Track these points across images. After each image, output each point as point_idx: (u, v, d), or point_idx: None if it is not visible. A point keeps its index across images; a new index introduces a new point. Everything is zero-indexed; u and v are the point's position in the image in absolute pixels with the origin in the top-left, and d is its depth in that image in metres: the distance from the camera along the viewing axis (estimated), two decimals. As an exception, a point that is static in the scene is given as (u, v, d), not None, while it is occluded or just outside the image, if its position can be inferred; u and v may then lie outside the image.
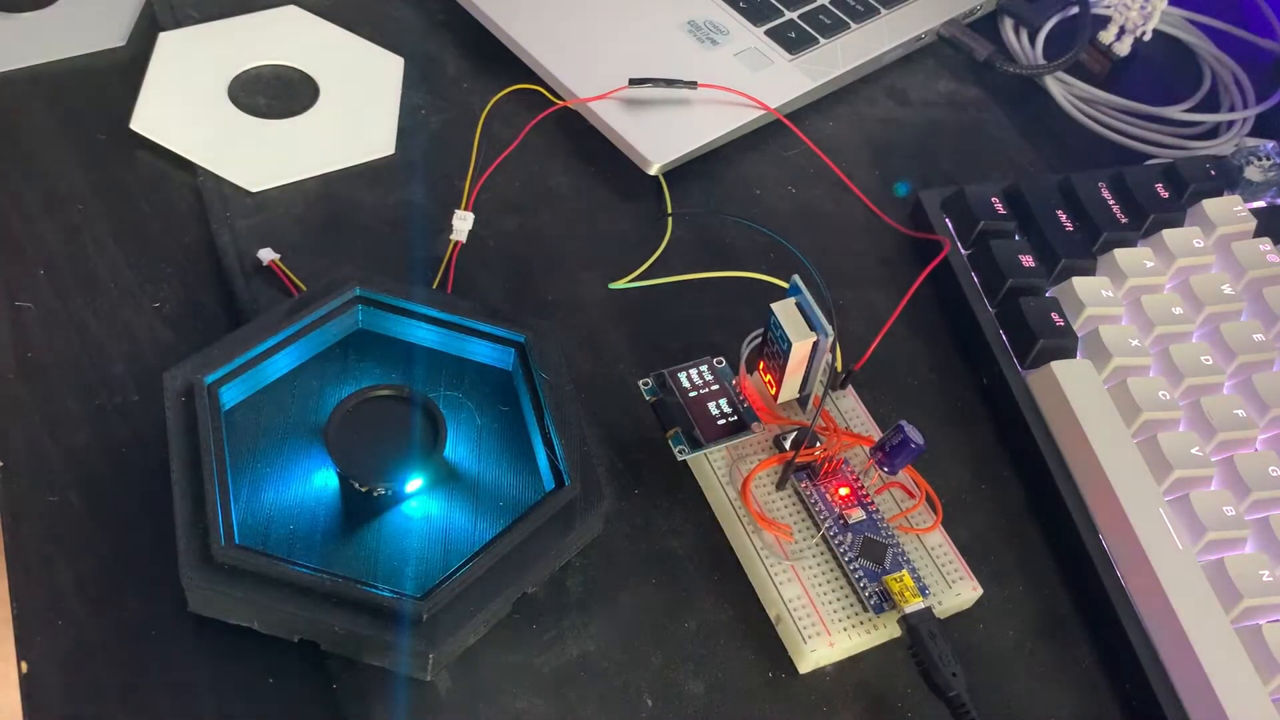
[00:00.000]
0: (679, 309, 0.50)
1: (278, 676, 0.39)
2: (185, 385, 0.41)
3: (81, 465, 0.42)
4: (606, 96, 0.55)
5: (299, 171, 0.52)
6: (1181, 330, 0.48)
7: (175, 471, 0.39)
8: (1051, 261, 0.51)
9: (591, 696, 0.39)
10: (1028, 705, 0.41)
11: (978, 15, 0.66)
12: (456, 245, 0.50)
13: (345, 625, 0.37)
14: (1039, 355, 0.48)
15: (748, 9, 0.62)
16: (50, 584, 0.40)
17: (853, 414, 0.46)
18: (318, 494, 0.41)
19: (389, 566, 0.40)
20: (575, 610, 0.41)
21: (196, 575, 0.37)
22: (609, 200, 0.54)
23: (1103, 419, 0.45)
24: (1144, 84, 0.65)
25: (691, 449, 0.43)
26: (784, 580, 0.41)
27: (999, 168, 0.59)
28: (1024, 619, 0.44)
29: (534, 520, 0.40)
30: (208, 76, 0.55)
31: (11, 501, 0.41)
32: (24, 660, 0.38)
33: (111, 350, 0.46)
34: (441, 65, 0.58)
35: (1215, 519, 0.43)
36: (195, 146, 0.52)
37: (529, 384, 0.44)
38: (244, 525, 0.39)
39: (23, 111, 0.53)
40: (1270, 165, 0.56)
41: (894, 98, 0.61)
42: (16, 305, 0.46)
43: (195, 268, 0.49)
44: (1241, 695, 0.39)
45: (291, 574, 0.37)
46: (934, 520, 0.43)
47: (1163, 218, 0.52)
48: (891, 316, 0.49)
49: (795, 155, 0.57)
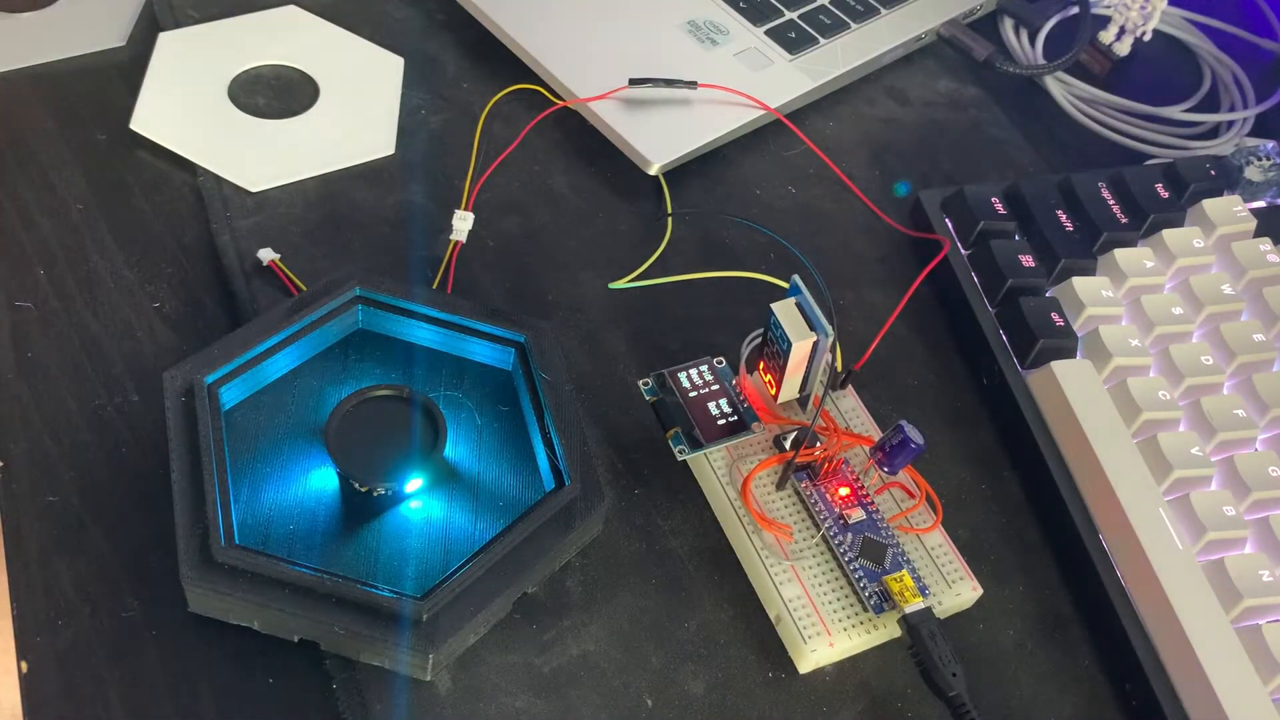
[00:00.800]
0: (679, 309, 0.50)
1: (278, 676, 0.39)
2: (185, 385, 0.41)
3: (81, 465, 0.42)
4: (606, 96, 0.55)
5: (299, 171, 0.52)
6: (1181, 330, 0.48)
7: (175, 471, 0.39)
8: (1051, 261, 0.51)
9: (591, 696, 0.39)
10: (1028, 705, 0.42)
11: (978, 15, 0.66)
12: (456, 245, 0.50)
13: (345, 625, 0.37)
14: (1039, 355, 0.48)
15: (748, 9, 0.62)
16: (50, 584, 0.40)
17: (853, 414, 0.46)
18: (318, 494, 0.41)
19: (389, 566, 0.40)
20: (575, 610, 0.41)
21: (196, 575, 0.37)
22: (609, 200, 0.54)
23: (1103, 419, 0.45)
24: (1144, 84, 0.65)
25: (691, 449, 0.43)
26: (784, 580, 0.41)
27: (999, 168, 0.59)
28: (1024, 619, 0.44)
29: (534, 520, 0.40)
30: (208, 76, 0.55)
31: (11, 501, 0.41)
32: (24, 660, 0.38)
33: (111, 350, 0.46)
34: (441, 65, 0.58)
35: (1215, 519, 0.43)
36: (195, 146, 0.52)
37: (529, 384, 0.44)
38: (244, 525, 0.40)
39: (23, 111, 0.53)
40: (1270, 165, 0.56)
41: (894, 98, 0.61)
42: (16, 305, 0.46)
43: (195, 268, 0.49)
44: (1241, 695, 0.39)
45: (292, 574, 0.37)
46: (934, 520, 0.43)
47: (1163, 218, 0.52)
48: (891, 316, 0.49)
49: (795, 155, 0.57)
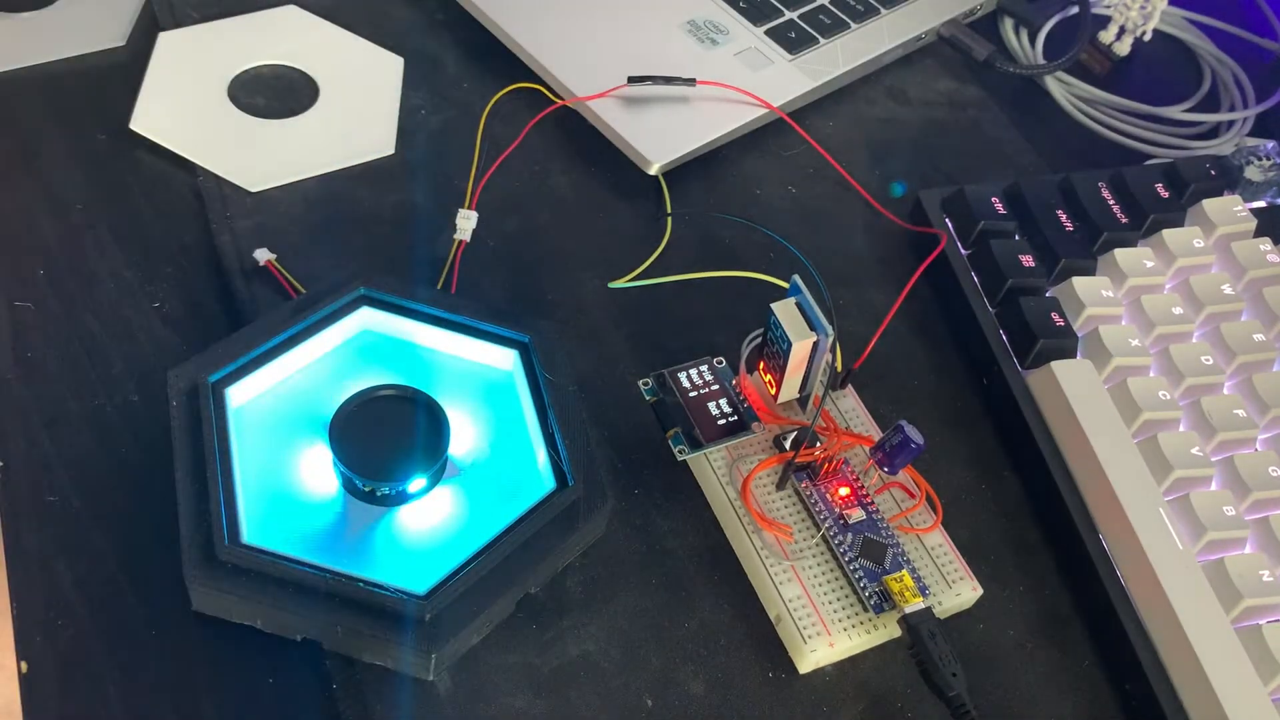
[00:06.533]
0: (679, 309, 0.50)
1: (278, 676, 0.39)
2: (189, 384, 0.41)
3: (81, 465, 0.42)
4: (606, 95, 0.55)
5: (299, 171, 0.52)
6: (1181, 330, 0.49)
7: (179, 471, 0.39)
8: (1051, 261, 0.51)
9: (591, 696, 0.39)
10: (1028, 705, 0.42)
11: (978, 15, 0.66)
12: (461, 244, 0.50)
13: (349, 625, 0.37)
14: (1039, 355, 0.48)
15: (748, 9, 0.62)
16: (50, 584, 0.40)
17: (853, 414, 0.46)
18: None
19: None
20: (575, 610, 0.41)
21: (200, 574, 0.37)
22: (609, 200, 0.54)
23: (1103, 419, 0.45)
24: (1144, 84, 0.65)
25: (691, 449, 0.43)
26: (784, 580, 0.41)
27: (999, 168, 0.59)
28: (1024, 619, 0.44)
29: (537, 520, 0.40)
30: (208, 76, 0.55)
31: (11, 501, 0.41)
32: (24, 660, 0.38)
33: (111, 350, 0.46)
34: (441, 65, 0.58)
35: (1215, 519, 0.43)
36: (195, 146, 0.52)
37: (533, 384, 0.44)
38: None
39: (23, 111, 0.53)
40: (1270, 165, 0.56)
41: (894, 97, 0.61)
42: (16, 305, 0.46)
43: (195, 268, 0.49)
44: (1241, 695, 0.39)
45: (295, 573, 0.37)
46: (934, 520, 0.43)
47: (1163, 218, 0.52)
48: (890, 312, 0.49)
49: (795, 155, 0.57)
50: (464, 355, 0.45)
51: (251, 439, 0.42)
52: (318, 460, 0.42)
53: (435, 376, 0.44)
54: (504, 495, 0.42)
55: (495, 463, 0.43)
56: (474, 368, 0.45)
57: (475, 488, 0.42)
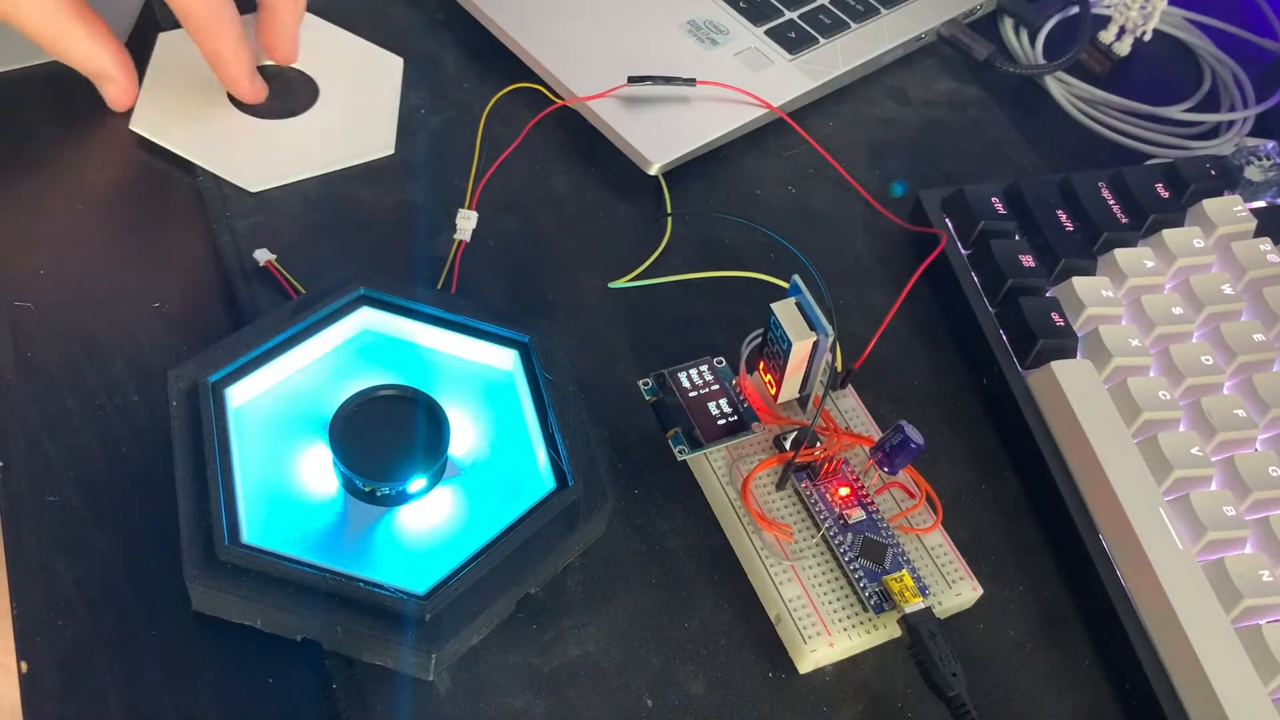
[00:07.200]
0: (679, 309, 0.50)
1: (278, 676, 0.39)
2: (189, 384, 0.41)
3: (81, 465, 0.42)
4: (606, 95, 0.55)
5: (299, 171, 0.52)
6: (1181, 330, 0.49)
7: (179, 470, 0.39)
8: (1051, 261, 0.51)
9: (591, 696, 0.39)
10: (1028, 705, 0.42)
11: (978, 15, 0.66)
12: (460, 244, 0.50)
13: (349, 625, 0.37)
14: (1039, 355, 0.48)
15: (748, 9, 0.62)
16: (50, 584, 0.40)
17: (853, 414, 0.46)
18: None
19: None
20: (575, 610, 0.41)
21: (200, 574, 0.37)
22: (609, 200, 0.54)
23: (1103, 419, 0.45)
24: (1144, 84, 0.65)
25: (691, 449, 0.43)
26: (784, 580, 0.41)
27: (999, 168, 0.59)
28: (1024, 619, 0.44)
29: (537, 520, 0.40)
30: (208, 76, 0.55)
31: (11, 501, 0.41)
32: (24, 660, 0.38)
33: (111, 350, 0.45)
34: (441, 65, 0.58)
35: (1215, 519, 0.43)
36: (195, 146, 0.52)
37: (533, 384, 0.44)
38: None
39: (23, 111, 0.53)
40: (1270, 165, 0.56)
41: (894, 97, 0.61)
42: (16, 305, 0.46)
43: (195, 268, 0.49)
44: (1241, 695, 0.39)
45: (295, 573, 0.37)
46: (934, 520, 0.43)
47: (1163, 218, 0.52)
48: (890, 312, 0.49)
49: (795, 155, 0.57)
50: (464, 355, 0.45)
51: (251, 439, 0.42)
52: (318, 460, 0.42)
53: (435, 376, 0.44)
54: (504, 495, 0.42)
55: (495, 463, 0.43)
56: (474, 368, 0.45)
57: (475, 488, 0.42)
